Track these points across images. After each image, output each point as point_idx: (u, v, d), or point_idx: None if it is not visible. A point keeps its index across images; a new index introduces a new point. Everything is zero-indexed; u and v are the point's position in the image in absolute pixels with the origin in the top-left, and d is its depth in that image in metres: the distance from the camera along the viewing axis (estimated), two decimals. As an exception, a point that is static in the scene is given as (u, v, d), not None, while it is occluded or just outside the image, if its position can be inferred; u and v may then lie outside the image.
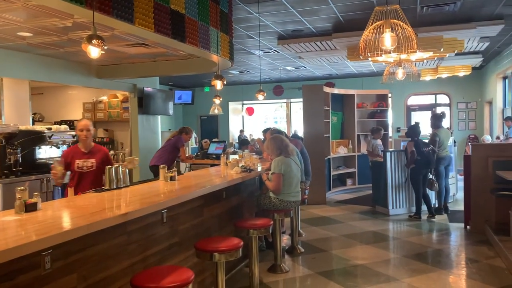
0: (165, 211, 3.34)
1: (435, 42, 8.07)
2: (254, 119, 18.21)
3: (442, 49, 8.23)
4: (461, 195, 7.65)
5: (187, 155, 8.69)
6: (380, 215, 7.58)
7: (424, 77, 12.40)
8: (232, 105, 17.54)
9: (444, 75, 12.50)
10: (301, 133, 10.10)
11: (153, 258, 3.22)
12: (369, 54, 5.30)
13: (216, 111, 10.01)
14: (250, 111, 18.00)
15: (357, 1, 6.72)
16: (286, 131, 12.72)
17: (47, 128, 6.30)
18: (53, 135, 6.11)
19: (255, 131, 16.93)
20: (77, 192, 4.16)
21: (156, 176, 6.76)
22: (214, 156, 8.28)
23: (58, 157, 6.43)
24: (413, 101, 15.73)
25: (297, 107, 17.00)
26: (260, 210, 4.93)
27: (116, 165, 3.89)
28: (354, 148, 10.41)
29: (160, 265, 3.14)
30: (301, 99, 9.43)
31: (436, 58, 9.69)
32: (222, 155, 7.02)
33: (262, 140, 8.09)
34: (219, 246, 3.26)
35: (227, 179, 4.58)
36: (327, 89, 9.64)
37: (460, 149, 11.87)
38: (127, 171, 4.00)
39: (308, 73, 14.33)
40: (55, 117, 9.27)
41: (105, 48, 3.34)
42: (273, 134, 5.47)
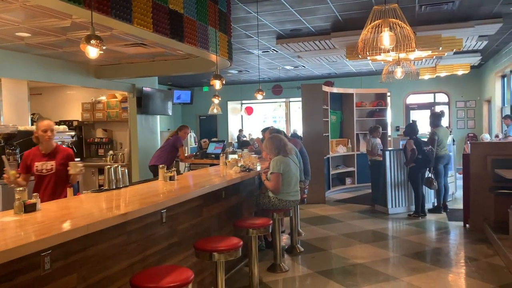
0: (165, 211, 3.34)
1: (434, 41, 8.08)
2: (253, 119, 18.22)
3: (440, 48, 8.24)
4: (460, 194, 7.66)
5: (186, 155, 8.69)
6: (379, 214, 7.59)
7: (423, 76, 12.41)
8: (231, 105, 17.54)
9: (442, 74, 12.51)
10: (300, 133, 10.10)
11: (152, 258, 3.22)
12: (367, 53, 5.31)
13: (215, 111, 10.01)
14: (249, 111, 18.00)
15: (355, 0, 6.72)
16: (285, 131, 12.73)
17: (46, 128, 6.28)
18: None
19: (254, 130, 16.94)
20: (41, 196, 3.58)
21: (155, 176, 6.76)
22: (213, 155, 8.28)
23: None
24: (412, 100, 15.74)
25: (296, 106, 17.01)
26: (259, 209, 4.93)
27: (115, 165, 3.89)
28: (353, 147, 10.42)
29: (159, 265, 3.15)
30: (300, 99, 9.43)
31: (434, 57, 9.70)
32: (221, 154, 7.03)
33: (261, 139, 8.09)
34: (219, 245, 3.26)
35: (226, 179, 4.58)
36: (326, 88, 9.65)
37: (459, 148, 11.89)
38: (126, 171, 4.00)
39: (307, 72, 14.33)
40: (53, 117, 9.21)
41: (104, 48, 3.34)
42: (271, 133, 5.47)
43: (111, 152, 8.71)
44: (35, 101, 8.75)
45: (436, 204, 7.77)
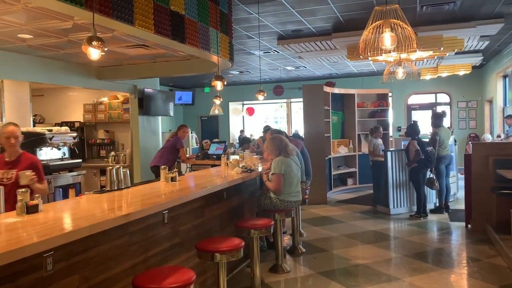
0: (166, 212, 3.35)
1: (435, 41, 8.08)
2: (254, 119, 18.22)
3: (442, 48, 8.23)
4: (462, 194, 7.65)
5: (188, 155, 8.70)
6: (381, 215, 7.58)
7: (424, 76, 12.40)
8: (232, 106, 17.54)
9: (444, 74, 12.50)
10: (302, 133, 10.10)
11: (154, 258, 3.23)
12: (369, 53, 5.31)
13: (216, 112, 10.02)
14: (250, 111, 18.00)
15: (356, 1, 6.72)
16: (286, 131, 12.74)
17: (48, 129, 6.31)
18: (54, 136, 6.12)
19: (255, 131, 16.94)
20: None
21: (157, 176, 6.77)
22: (214, 156, 8.28)
23: (59, 159, 6.46)
24: (413, 100, 15.73)
25: (298, 107, 17.01)
26: (261, 210, 4.93)
27: (117, 166, 3.89)
28: (354, 147, 10.41)
29: (161, 266, 3.15)
30: (302, 99, 9.43)
31: (436, 57, 9.69)
32: (222, 155, 7.03)
33: (262, 138, 8.09)
34: (220, 246, 3.27)
35: (228, 180, 4.58)
36: (327, 89, 9.65)
37: (460, 148, 11.87)
38: (128, 172, 4.00)
39: (308, 73, 14.33)
40: (55, 118, 9.27)
41: (105, 49, 3.34)
42: (273, 134, 5.47)
43: (113, 153, 8.73)
44: (37, 103, 8.76)
45: (437, 204, 7.76)
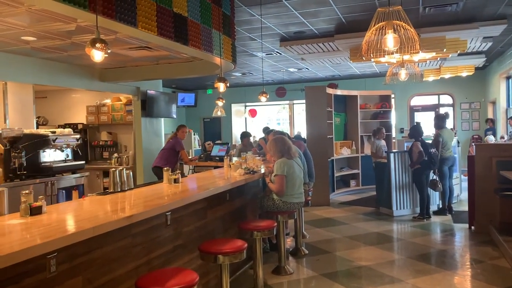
0: (169, 213, 3.35)
1: (438, 42, 8.06)
2: (257, 121, 18.22)
3: (445, 50, 8.22)
4: (465, 196, 7.63)
5: (190, 157, 8.70)
6: (384, 216, 7.57)
7: (427, 77, 12.39)
8: (235, 107, 17.54)
9: (447, 76, 12.48)
10: (304, 135, 10.10)
11: (157, 260, 3.23)
12: (372, 55, 5.31)
13: (219, 113, 10.03)
14: (253, 113, 18.00)
15: (359, 2, 6.72)
16: (289, 133, 12.73)
17: (51, 131, 6.32)
18: (57, 138, 6.13)
19: (258, 132, 16.93)
20: None
21: (158, 177, 6.77)
22: (217, 158, 8.29)
23: (62, 160, 6.48)
24: (416, 101, 15.70)
25: (300, 108, 16.99)
26: (263, 212, 4.93)
27: (120, 168, 3.90)
28: (357, 149, 10.41)
29: (164, 268, 3.16)
30: (304, 101, 9.43)
31: (439, 58, 9.68)
32: (225, 157, 7.04)
33: (264, 140, 8.08)
34: (223, 248, 3.27)
35: (231, 181, 4.58)
36: (329, 90, 9.65)
37: (463, 150, 11.85)
38: (131, 173, 4.01)
39: (310, 74, 14.33)
40: (59, 120, 9.29)
41: (109, 51, 3.35)
42: (275, 135, 5.46)
43: (115, 154, 8.74)
44: (40, 105, 8.79)
45: (441, 206, 7.75)
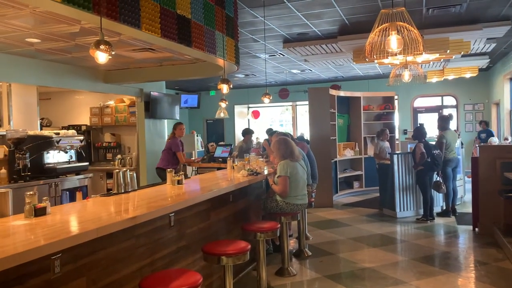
0: (173, 214, 3.36)
1: (441, 43, 8.05)
2: (260, 123, 18.21)
3: (448, 51, 8.20)
4: (469, 197, 7.61)
5: (193, 158, 8.72)
6: (387, 218, 7.55)
7: (430, 79, 12.36)
8: (237, 109, 17.56)
9: (450, 77, 12.44)
10: (307, 136, 10.09)
11: (161, 261, 3.23)
12: (375, 56, 5.30)
13: (222, 115, 10.06)
14: (255, 115, 18.01)
15: (362, 4, 6.72)
16: (292, 134, 12.70)
17: (55, 133, 6.35)
18: (61, 140, 6.15)
19: (261, 134, 16.93)
20: None
21: (161, 178, 6.77)
22: (220, 159, 8.29)
23: (66, 162, 6.50)
24: (419, 103, 15.67)
25: (303, 110, 16.99)
26: (267, 213, 4.93)
27: (124, 169, 3.91)
28: (360, 150, 10.39)
29: (168, 269, 3.16)
30: (307, 102, 9.42)
31: (442, 59, 9.66)
32: (228, 158, 7.04)
33: (267, 141, 8.06)
34: (227, 249, 3.27)
35: (234, 183, 4.59)
36: (333, 92, 9.64)
37: (467, 151, 11.80)
38: (135, 175, 4.02)
39: (313, 75, 14.32)
40: (62, 122, 9.33)
41: (113, 53, 3.37)
42: (279, 136, 5.46)
43: (119, 156, 8.75)
44: (44, 106, 8.83)
45: (444, 207, 7.72)
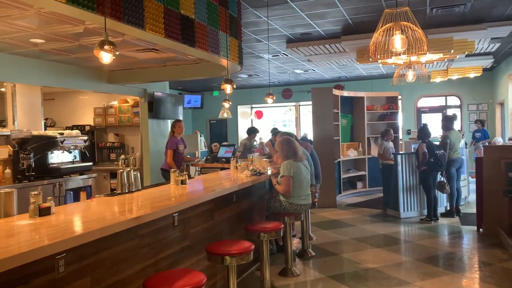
0: (177, 214, 3.36)
1: (445, 43, 8.03)
2: (263, 123, 18.21)
3: (452, 51, 8.18)
4: (473, 198, 7.58)
5: (197, 158, 8.70)
6: (391, 218, 7.53)
7: (434, 79, 12.32)
8: (241, 109, 17.56)
9: (454, 77, 12.40)
10: (310, 136, 10.08)
11: (165, 261, 3.24)
12: (378, 56, 5.30)
13: (225, 115, 10.05)
14: (259, 115, 18.01)
15: (366, 3, 6.71)
16: (295, 134, 12.68)
17: (59, 133, 6.37)
18: (65, 140, 6.17)
19: (264, 134, 16.92)
20: None
21: (165, 178, 6.76)
22: (223, 159, 8.30)
23: (70, 162, 6.52)
24: (423, 103, 15.63)
25: (306, 110, 16.97)
26: (270, 213, 4.93)
27: (127, 169, 3.92)
28: (364, 151, 10.37)
29: (172, 269, 3.16)
30: (310, 102, 9.41)
31: (446, 59, 9.63)
32: (232, 158, 7.04)
33: (271, 141, 8.05)
34: (230, 249, 3.27)
35: (237, 183, 4.59)
36: (336, 92, 9.62)
37: (471, 151, 11.77)
38: (138, 174, 4.02)
39: (317, 76, 14.31)
40: (66, 122, 9.36)
41: (117, 53, 3.37)
42: (283, 136, 5.46)
43: (123, 156, 8.77)
44: (48, 106, 8.86)
45: (448, 208, 7.69)
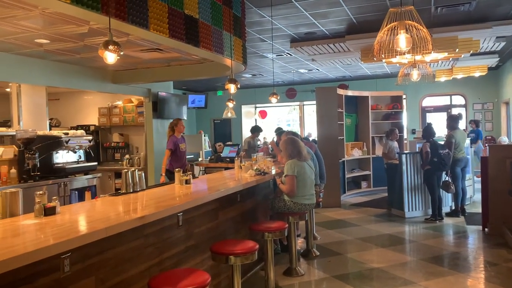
0: (181, 214, 3.36)
1: (450, 42, 7.99)
2: (267, 122, 18.20)
3: (457, 50, 8.14)
4: (478, 197, 7.54)
5: (201, 159, 8.71)
6: (396, 218, 7.51)
7: (439, 78, 12.28)
8: (245, 109, 17.57)
9: (459, 76, 12.36)
10: (314, 136, 10.06)
11: (169, 261, 3.24)
12: (383, 55, 5.28)
13: (229, 115, 10.07)
14: (263, 114, 18.00)
15: (370, 2, 6.69)
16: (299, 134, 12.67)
17: (64, 133, 6.40)
18: (70, 140, 6.19)
19: (268, 134, 16.91)
20: None
21: (169, 179, 6.76)
22: (228, 159, 8.30)
23: (74, 162, 6.54)
24: (428, 102, 15.57)
25: (310, 109, 16.96)
26: (274, 213, 4.92)
27: (132, 169, 3.93)
28: (368, 150, 10.35)
29: (176, 268, 3.17)
30: (315, 102, 9.39)
31: (451, 58, 9.59)
32: (236, 158, 7.04)
33: (275, 141, 8.05)
34: (235, 249, 3.27)
35: (242, 182, 4.59)
36: (340, 91, 9.60)
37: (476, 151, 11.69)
38: (143, 174, 4.03)
39: (321, 75, 14.29)
40: (71, 122, 9.40)
41: (121, 53, 3.38)
42: (287, 136, 5.45)
43: (127, 156, 8.80)
44: (53, 106, 8.89)
45: (453, 207, 7.66)
